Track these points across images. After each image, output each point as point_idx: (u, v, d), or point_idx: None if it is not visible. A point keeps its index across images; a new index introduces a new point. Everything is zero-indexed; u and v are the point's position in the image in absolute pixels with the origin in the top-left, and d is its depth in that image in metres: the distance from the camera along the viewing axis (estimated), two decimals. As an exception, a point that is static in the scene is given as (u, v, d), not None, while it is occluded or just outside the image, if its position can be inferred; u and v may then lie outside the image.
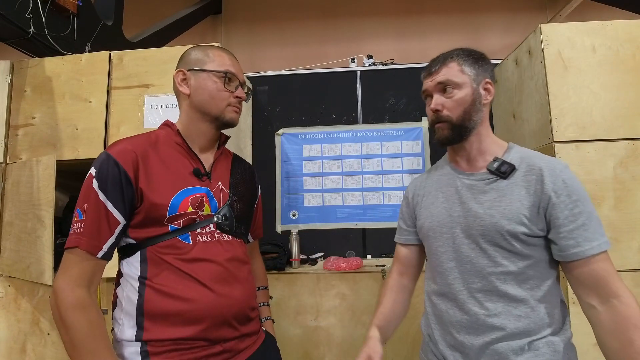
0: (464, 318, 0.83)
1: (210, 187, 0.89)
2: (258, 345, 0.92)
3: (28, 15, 1.70)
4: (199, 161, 0.90)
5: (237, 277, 0.86)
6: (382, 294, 1.04)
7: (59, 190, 1.73)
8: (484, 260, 0.82)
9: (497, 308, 0.80)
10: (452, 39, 3.20)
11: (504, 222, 0.79)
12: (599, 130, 1.51)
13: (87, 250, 0.75)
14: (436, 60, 0.90)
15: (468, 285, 0.83)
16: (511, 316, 0.79)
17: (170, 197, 0.81)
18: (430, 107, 0.89)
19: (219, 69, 0.89)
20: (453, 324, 0.85)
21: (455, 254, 0.86)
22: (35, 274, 1.51)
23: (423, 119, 2.25)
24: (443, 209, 0.90)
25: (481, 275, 0.82)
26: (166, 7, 3.22)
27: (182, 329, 0.77)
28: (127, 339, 0.78)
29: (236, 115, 0.92)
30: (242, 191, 0.97)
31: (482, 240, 0.82)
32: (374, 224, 2.20)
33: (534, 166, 0.82)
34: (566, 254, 0.78)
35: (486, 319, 0.80)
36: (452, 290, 0.86)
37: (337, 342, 1.77)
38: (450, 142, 0.89)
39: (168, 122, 0.93)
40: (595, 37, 1.57)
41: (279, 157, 2.30)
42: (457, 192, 0.89)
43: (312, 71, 2.39)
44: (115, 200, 0.77)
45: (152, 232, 0.80)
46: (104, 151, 0.80)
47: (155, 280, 0.79)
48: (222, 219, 0.88)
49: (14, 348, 1.67)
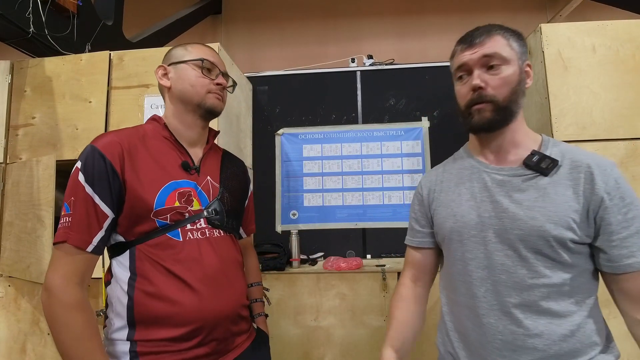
0: (498, 338, 0.72)
1: (199, 182, 0.88)
2: (248, 343, 0.92)
3: (28, 15, 1.70)
4: (187, 155, 0.89)
5: (228, 276, 0.86)
6: (394, 307, 0.91)
7: (59, 190, 1.73)
8: (523, 270, 0.71)
9: (538, 327, 0.69)
10: (452, 39, 3.16)
11: (550, 226, 0.69)
12: (599, 130, 1.51)
13: (76, 244, 0.74)
14: (477, 31, 0.77)
15: (502, 299, 0.72)
16: (555, 336, 0.68)
17: (157, 190, 0.80)
18: (472, 83, 0.74)
19: (196, 57, 0.89)
20: (483, 345, 0.73)
21: (487, 262, 0.74)
22: (35, 274, 1.51)
23: (423, 119, 2.25)
24: (469, 208, 0.78)
25: (520, 288, 0.70)
26: (166, 7, 3.22)
27: (172, 330, 0.77)
28: (117, 338, 0.78)
29: (218, 102, 0.91)
30: (233, 186, 0.96)
31: (521, 247, 0.71)
32: (374, 224, 2.20)
33: (580, 163, 0.72)
34: (618, 265, 0.68)
35: (526, 339, 0.69)
36: (482, 304, 0.74)
37: (337, 342, 1.77)
38: (491, 128, 0.76)
39: (155, 117, 0.92)
40: (595, 37, 1.57)
41: (279, 157, 2.30)
42: (486, 188, 0.77)
43: (312, 71, 2.39)
44: (103, 194, 0.76)
45: (141, 228, 0.79)
46: (90, 144, 0.79)
47: (144, 282, 0.78)
48: (212, 213, 0.87)
49: (14, 348, 1.67)
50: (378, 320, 1.76)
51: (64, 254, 0.74)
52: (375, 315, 1.76)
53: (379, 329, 1.75)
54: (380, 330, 1.74)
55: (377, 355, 1.71)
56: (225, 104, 0.96)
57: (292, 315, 1.80)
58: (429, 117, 2.25)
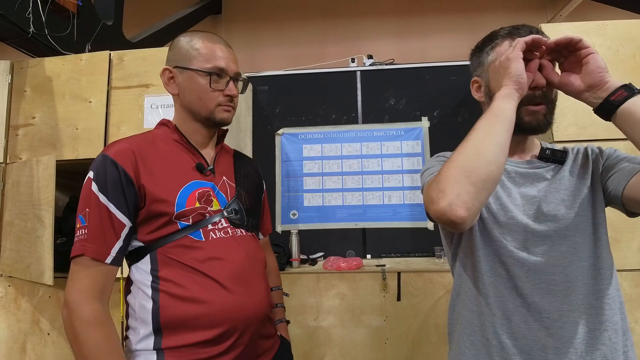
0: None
1: (215, 182, 0.85)
2: (275, 350, 0.89)
3: (28, 15, 1.70)
4: (201, 156, 0.86)
5: (254, 275, 0.83)
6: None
7: (59, 190, 1.73)
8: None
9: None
10: (452, 39, 3.20)
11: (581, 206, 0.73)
12: (599, 130, 1.51)
13: (94, 257, 0.71)
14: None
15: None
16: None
17: (177, 192, 0.77)
18: (538, 81, 0.71)
19: (205, 67, 0.82)
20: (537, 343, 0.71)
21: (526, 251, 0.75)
22: (35, 274, 1.51)
23: (423, 119, 2.25)
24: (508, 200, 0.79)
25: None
26: (166, 7, 3.22)
27: (202, 332, 0.73)
28: (142, 348, 0.74)
29: (227, 115, 0.87)
30: (248, 185, 0.94)
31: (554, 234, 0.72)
32: (374, 224, 2.20)
33: (579, 149, 0.80)
34: (622, 176, 0.71)
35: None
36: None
37: (337, 342, 1.77)
38: (540, 131, 0.77)
39: (164, 121, 0.89)
40: (595, 37, 1.57)
41: (279, 157, 2.30)
42: (512, 179, 0.79)
43: (312, 71, 2.39)
44: (118, 202, 0.73)
45: (162, 232, 0.76)
46: (101, 153, 0.77)
47: (169, 284, 0.74)
48: (232, 212, 0.84)
49: (14, 348, 1.67)
50: (378, 320, 1.76)
51: (81, 268, 0.72)
52: (375, 315, 1.76)
53: (379, 329, 1.74)
54: (380, 330, 1.74)
55: (377, 355, 1.72)
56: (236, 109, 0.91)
57: (292, 315, 1.80)
58: (429, 117, 2.25)
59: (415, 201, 2.19)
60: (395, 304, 1.75)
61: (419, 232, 2.15)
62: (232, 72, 0.86)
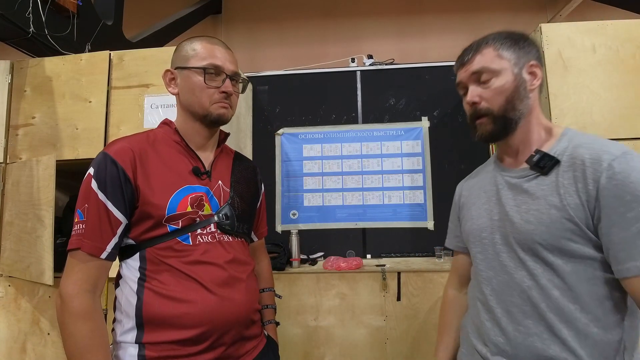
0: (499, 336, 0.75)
1: (210, 186, 0.87)
2: (259, 350, 0.90)
3: (28, 15, 1.71)
4: (198, 160, 0.88)
5: (239, 280, 0.84)
6: (444, 320, 0.96)
7: (59, 190, 1.73)
8: (522, 272, 0.72)
9: (538, 327, 0.70)
10: (452, 39, 3.20)
11: (542, 229, 0.68)
12: (599, 130, 1.51)
13: (90, 252, 0.74)
14: (469, 48, 0.79)
15: (505, 298, 0.74)
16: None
17: (169, 196, 0.79)
18: (466, 100, 0.79)
19: (199, 64, 0.84)
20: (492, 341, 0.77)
21: (494, 263, 0.78)
22: (35, 274, 1.51)
23: (423, 118, 2.25)
24: (484, 211, 0.82)
25: (519, 289, 0.72)
26: (166, 7, 3.22)
27: (182, 331, 0.76)
28: (126, 340, 0.77)
29: (224, 111, 0.87)
30: (243, 190, 0.95)
31: (519, 250, 0.72)
32: (374, 224, 2.20)
33: (577, 159, 0.68)
34: (618, 269, 0.63)
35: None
36: (489, 302, 0.77)
37: (337, 342, 1.77)
38: (495, 138, 0.79)
39: (166, 121, 0.91)
40: (595, 37, 1.57)
41: (279, 157, 2.30)
42: (497, 191, 0.80)
43: (312, 71, 2.39)
44: (116, 200, 0.76)
45: (152, 233, 0.79)
46: (102, 151, 0.79)
47: (154, 282, 0.77)
48: (222, 218, 0.86)
49: (14, 348, 1.67)
50: (378, 320, 1.76)
51: (77, 262, 0.75)
52: (375, 315, 1.76)
53: (379, 329, 1.75)
54: (380, 330, 1.74)
55: (377, 355, 1.72)
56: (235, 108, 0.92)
57: (292, 315, 1.80)
58: (429, 117, 2.25)
59: (415, 201, 2.18)
60: (395, 303, 1.75)
61: (419, 232, 2.15)
62: (228, 70, 0.87)
